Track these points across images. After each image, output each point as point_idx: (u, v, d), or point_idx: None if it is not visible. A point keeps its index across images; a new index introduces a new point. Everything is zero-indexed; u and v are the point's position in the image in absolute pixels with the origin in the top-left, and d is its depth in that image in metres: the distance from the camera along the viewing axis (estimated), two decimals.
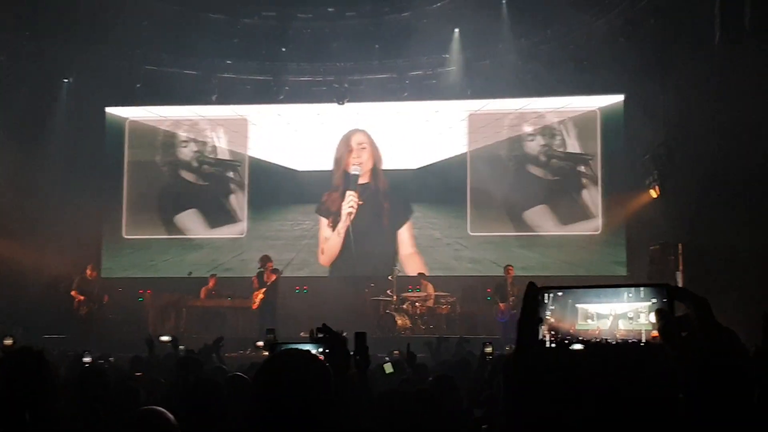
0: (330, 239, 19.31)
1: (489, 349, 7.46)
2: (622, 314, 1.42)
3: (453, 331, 15.92)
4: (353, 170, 19.31)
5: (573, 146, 18.81)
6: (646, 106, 16.67)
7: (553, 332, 1.50)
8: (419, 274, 18.02)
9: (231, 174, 19.87)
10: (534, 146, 19.04)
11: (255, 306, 16.87)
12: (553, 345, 1.50)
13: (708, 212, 13.55)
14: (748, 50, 12.42)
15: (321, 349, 3.41)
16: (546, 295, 1.49)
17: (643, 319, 1.45)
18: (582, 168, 18.71)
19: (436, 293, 17.42)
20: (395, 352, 11.42)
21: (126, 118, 20.01)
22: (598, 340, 1.46)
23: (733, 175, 12.96)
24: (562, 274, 17.69)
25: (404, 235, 19.27)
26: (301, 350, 2.83)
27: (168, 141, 20.03)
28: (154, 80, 19.23)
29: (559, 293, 1.48)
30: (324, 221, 19.46)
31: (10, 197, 16.31)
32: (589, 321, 1.46)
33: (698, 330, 1.37)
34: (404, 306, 17.14)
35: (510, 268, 16.62)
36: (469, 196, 19.12)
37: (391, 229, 19.23)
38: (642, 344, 1.45)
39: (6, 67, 17.28)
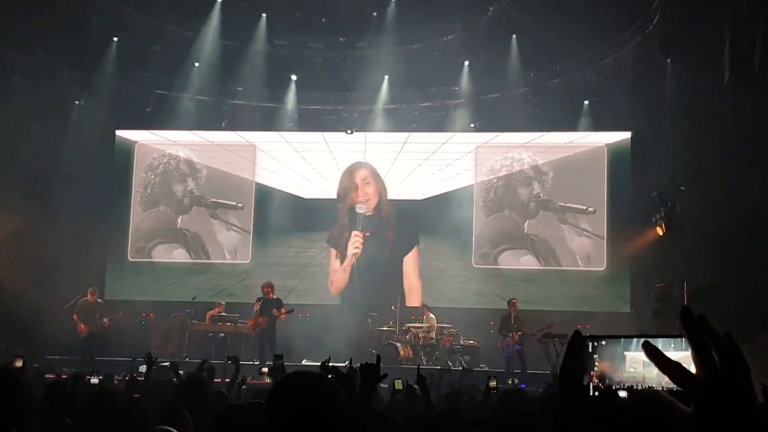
0: (338, 272, 19.34)
1: (493, 383, 7.46)
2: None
3: (455, 363, 15.90)
4: (359, 209, 19.27)
5: (579, 184, 18.82)
6: (654, 144, 16.74)
7: (600, 380, 1.51)
8: (422, 305, 18.01)
9: (235, 203, 19.91)
10: (539, 183, 19.07)
11: (253, 333, 16.76)
12: (596, 393, 1.49)
13: (714, 251, 13.55)
14: (757, 91, 12.49)
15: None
16: (590, 344, 1.49)
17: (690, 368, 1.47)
18: (586, 207, 18.73)
19: (439, 325, 17.38)
20: (397, 381, 11.39)
21: (135, 142, 20.12)
22: (642, 386, 1.47)
23: (740, 214, 12.98)
24: (566, 309, 17.68)
25: (409, 265, 19.27)
26: (313, 371, 2.81)
27: (175, 167, 20.11)
28: (164, 105, 19.38)
29: (603, 342, 1.49)
30: (333, 253, 19.49)
31: (18, 219, 16.34)
32: (636, 369, 1.47)
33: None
34: (407, 336, 17.11)
35: (515, 301, 16.56)
36: (474, 228, 19.14)
37: (395, 259, 19.22)
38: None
39: (18, 88, 17.40)
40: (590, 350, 1.55)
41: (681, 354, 1.52)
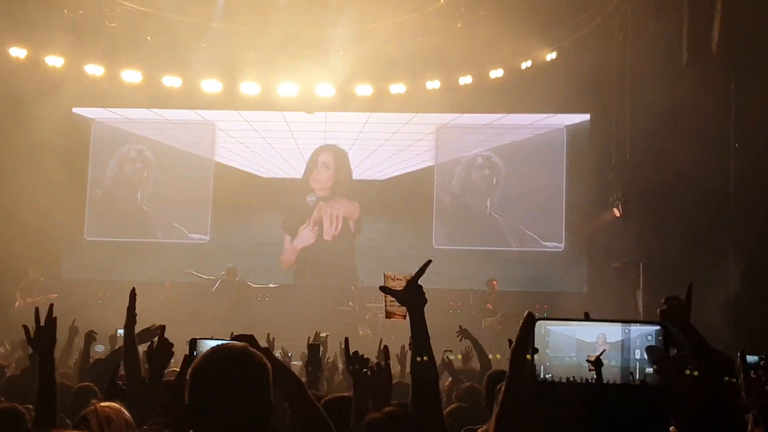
0: (288, 251, 19.45)
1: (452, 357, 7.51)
2: (614, 344, 1.30)
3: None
4: (309, 200, 19.52)
5: (538, 166, 18.90)
6: (612, 126, 16.85)
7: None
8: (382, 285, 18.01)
9: (195, 180, 19.75)
10: (498, 164, 19.12)
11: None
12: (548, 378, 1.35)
13: (669, 231, 13.70)
14: (714, 72, 12.63)
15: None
16: (544, 327, 1.38)
17: (637, 355, 1.36)
18: (545, 187, 18.83)
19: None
20: None
21: (93, 119, 19.82)
22: (580, 377, 1.32)
23: (695, 194, 13.14)
24: (526, 290, 17.79)
25: (362, 246, 19.42)
26: (238, 344, 2.64)
27: (132, 145, 19.86)
28: (121, 82, 18.98)
29: (556, 325, 1.35)
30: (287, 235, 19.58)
31: None
32: (566, 354, 1.32)
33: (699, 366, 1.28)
34: (366, 317, 17.13)
35: (494, 282, 16.88)
36: (435, 209, 19.16)
37: (348, 241, 19.33)
38: (638, 384, 1.33)
39: None
40: (543, 332, 1.49)
41: (617, 338, 1.47)
